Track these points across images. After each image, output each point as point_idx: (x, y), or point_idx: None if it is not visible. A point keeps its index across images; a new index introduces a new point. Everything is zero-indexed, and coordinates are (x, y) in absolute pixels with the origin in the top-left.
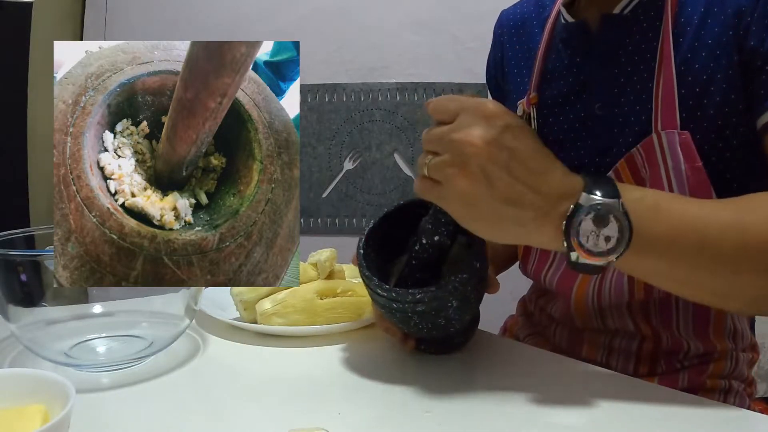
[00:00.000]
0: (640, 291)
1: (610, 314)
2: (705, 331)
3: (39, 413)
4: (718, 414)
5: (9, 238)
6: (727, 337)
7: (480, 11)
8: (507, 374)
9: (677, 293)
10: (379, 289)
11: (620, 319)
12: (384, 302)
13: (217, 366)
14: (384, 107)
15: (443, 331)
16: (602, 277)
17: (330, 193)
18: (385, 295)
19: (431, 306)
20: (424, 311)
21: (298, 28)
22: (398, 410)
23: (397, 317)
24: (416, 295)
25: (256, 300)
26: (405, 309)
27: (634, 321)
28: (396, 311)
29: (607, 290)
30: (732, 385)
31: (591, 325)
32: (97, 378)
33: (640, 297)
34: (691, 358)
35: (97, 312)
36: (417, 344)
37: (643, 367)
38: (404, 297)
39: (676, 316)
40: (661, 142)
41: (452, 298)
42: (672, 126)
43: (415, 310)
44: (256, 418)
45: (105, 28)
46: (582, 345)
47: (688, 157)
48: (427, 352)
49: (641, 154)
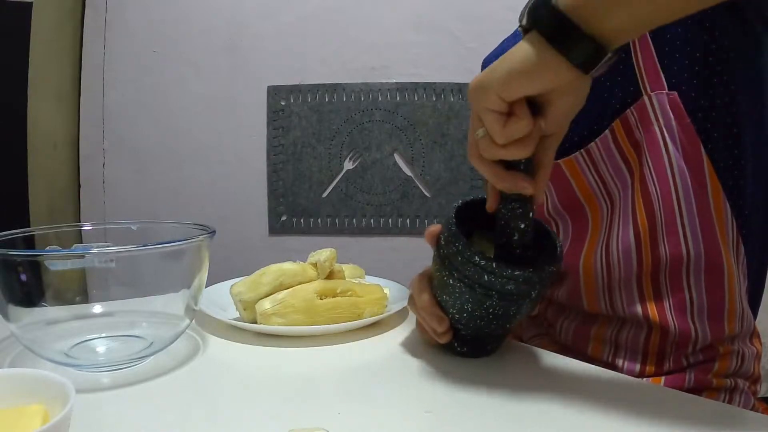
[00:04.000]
0: (647, 256)
1: (619, 294)
2: (720, 309)
3: (39, 413)
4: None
5: (9, 238)
6: (738, 318)
7: (480, 11)
8: (508, 374)
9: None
10: (477, 256)
11: (629, 303)
12: (474, 272)
13: (217, 366)
14: (384, 107)
15: (501, 324)
16: (607, 243)
17: (330, 193)
18: (483, 264)
19: (519, 288)
20: (509, 292)
21: (298, 28)
22: (398, 410)
23: (476, 293)
24: (514, 272)
25: (256, 300)
26: (494, 284)
27: (643, 305)
28: (481, 285)
29: (615, 258)
30: (737, 384)
31: (599, 310)
32: (97, 378)
33: (649, 266)
34: (697, 353)
35: (97, 312)
36: (452, 341)
37: (650, 366)
38: (502, 270)
39: (689, 295)
40: (652, 103)
41: (538, 287)
42: (660, 87)
43: (504, 288)
44: (256, 418)
45: (105, 28)
46: (588, 341)
47: (677, 115)
48: (459, 351)
49: (634, 115)
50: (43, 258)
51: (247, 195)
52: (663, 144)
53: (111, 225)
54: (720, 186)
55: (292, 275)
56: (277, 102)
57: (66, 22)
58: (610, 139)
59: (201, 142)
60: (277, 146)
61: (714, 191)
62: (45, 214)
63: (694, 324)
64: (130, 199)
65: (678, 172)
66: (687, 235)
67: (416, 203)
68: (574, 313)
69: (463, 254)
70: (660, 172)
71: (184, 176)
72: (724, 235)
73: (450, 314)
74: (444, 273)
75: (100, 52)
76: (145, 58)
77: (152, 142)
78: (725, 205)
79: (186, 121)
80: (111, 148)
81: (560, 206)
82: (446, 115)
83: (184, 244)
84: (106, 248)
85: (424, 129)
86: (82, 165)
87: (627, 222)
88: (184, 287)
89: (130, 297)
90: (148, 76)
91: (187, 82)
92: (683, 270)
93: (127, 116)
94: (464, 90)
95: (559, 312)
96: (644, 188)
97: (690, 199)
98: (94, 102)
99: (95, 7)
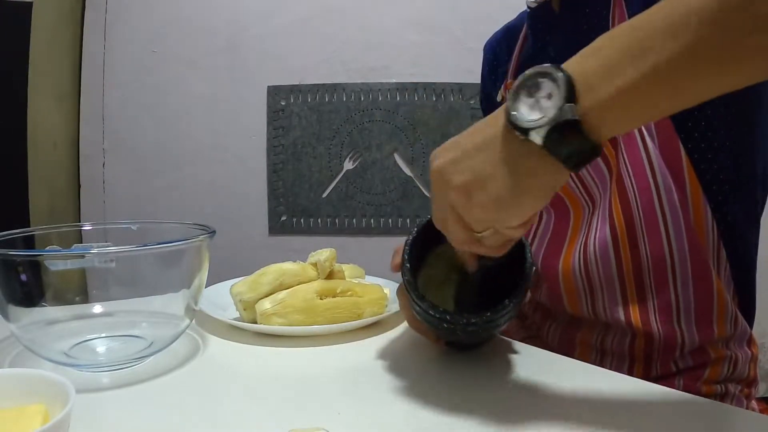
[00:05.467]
0: (626, 256)
1: (601, 296)
2: (707, 311)
3: (39, 413)
4: (718, 413)
5: (9, 238)
6: (728, 320)
7: (480, 11)
8: (508, 373)
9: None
10: (431, 310)
11: (612, 306)
12: (435, 322)
13: (217, 366)
14: (384, 107)
15: (483, 339)
16: (585, 243)
17: (330, 193)
18: (438, 316)
19: (482, 327)
20: (474, 330)
21: (298, 28)
22: (398, 410)
23: (444, 330)
24: (471, 320)
25: (256, 300)
26: (455, 329)
27: (626, 309)
28: (444, 329)
29: (593, 258)
30: (728, 389)
31: (582, 314)
32: (97, 378)
33: (629, 266)
34: (686, 357)
35: (97, 312)
36: (446, 343)
37: (636, 372)
38: (458, 320)
39: (674, 297)
40: None
41: (504, 320)
42: None
43: (466, 329)
44: (256, 418)
45: (105, 28)
46: (574, 347)
47: None
48: (455, 350)
49: None
50: (43, 258)
51: (247, 195)
52: (640, 139)
53: (111, 225)
54: (700, 186)
55: (292, 275)
56: (277, 102)
57: (66, 22)
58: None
59: (201, 142)
60: (277, 146)
61: (693, 190)
62: (45, 214)
63: (680, 327)
64: (130, 199)
65: (658, 168)
66: (670, 234)
67: (416, 203)
68: (560, 317)
69: (419, 305)
70: (637, 168)
71: (184, 176)
72: (703, 235)
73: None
74: (414, 309)
75: (100, 52)
76: (145, 58)
77: (152, 142)
78: (705, 205)
79: (186, 121)
80: (111, 148)
81: None
82: (446, 115)
83: (184, 244)
84: (106, 248)
85: (424, 129)
86: (82, 165)
87: (604, 221)
88: (184, 287)
89: (130, 297)
90: (148, 76)
91: (187, 82)
92: (668, 270)
93: (127, 116)
94: (464, 90)
95: (546, 316)
96: (621, 185)
97: (672, 196)
98: (94, 102)
99: (95, 7)
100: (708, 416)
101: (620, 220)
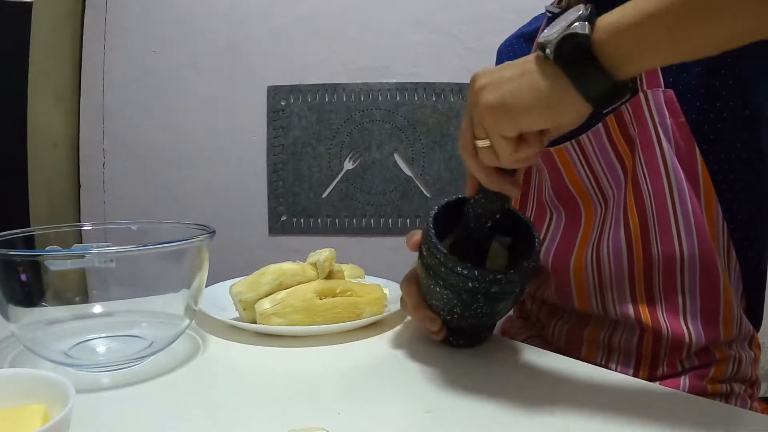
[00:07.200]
0: (639, 255)
1: (610, 293)
2: (715, 312)
3: (39, 413)
4: (719, 413)
5: (9, 238)
6: (735, 323)
7: (480, 12)
8: (508, 374)
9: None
10: (459, 266)
11: (621, 303)
12: (458, 281)
13: (217, 366)
14: (384, 107)
15: (491, 319)
16: (599, 241)
17: (330, 193)
18: (466, 273)
19: (504, 289)
20: (495, 293)
21: (298, 28)
22: (398, 410)
23: (463, 298)
24: (497, 275)
25: (256, 300)
26: (478, 289)
27: (635, 306)
28: (466, 291)
29: (606, 256)
30: (733, 389)
31: (591, 310)
32: (97, 378)
33: (641, 265)
34: (692, 357)
35: (97, 312)
36: (447, 336)
37: (643, 371)
38: (485, 276)
39: (682, 297)
40: (647, 100)
41: (521, 283)
42: (656, 85)
43: (488, 290)
44: (256, 418)
45: (105, 28)
46: (581, 344)
47: (673, 113)
48: (455, 344)
49: (629, 111)
50: (43, 258)
51: (247, 195)
52: (657, 141)
53: (111, 225)
54: (713, 187)
55: (292, 275)
56: (277, 102)
57: (66, 22)
58: (603, 135)
59: (201, 142)
60: (277, 146)
61: (706, 192)
62: (45, 214)
63: (688, 327)
64: (130, 199)
65: (672, 170)
66: (681, 235)
67: (416, 203)
68: (567, 315)
69: (446, 265)
70: (653, 169)
71: (184, 176)
72: (714, 237)
73: (441, 315)
74: (430, 282)
75: (100, 52)
76: (145, 58)
77: (152, 142)
78: (717, 207)
79: (186, 121)
80: (111, 148)
81: (555, 197)
82: (446, 115)
83: (184, 244)
84: (106, 248)
85: (424, 129)
86: (82, 165)
87: (618, 220)
88: (184, 287)
89: (130, 297)
90: (148, 76)
91: (187, 82)
92: (677, 271)
93: (127, 116)
94: (464, 90)
95: (553, 313)
96: (636, 186)
97: (685, 198)
98: (94, 102)
99: (95, 7)
100: (713, 418)
101: (635, 220)
